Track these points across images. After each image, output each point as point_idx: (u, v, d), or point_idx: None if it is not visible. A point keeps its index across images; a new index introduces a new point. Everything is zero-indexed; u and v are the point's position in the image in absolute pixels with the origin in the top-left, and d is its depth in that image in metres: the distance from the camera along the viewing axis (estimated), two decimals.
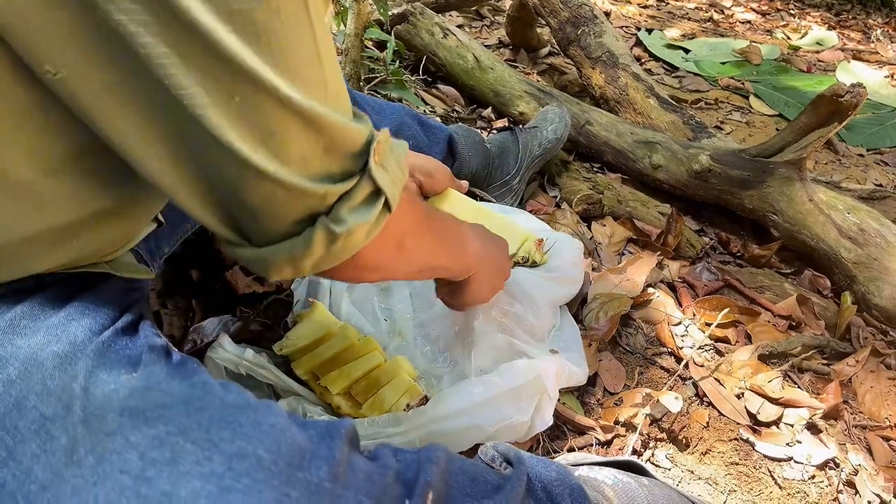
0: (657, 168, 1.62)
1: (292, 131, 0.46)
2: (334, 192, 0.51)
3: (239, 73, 0.42)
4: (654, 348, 1.18)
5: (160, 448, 0.48)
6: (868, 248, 1.36)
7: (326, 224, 0.51)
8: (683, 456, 1.00)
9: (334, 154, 0.50)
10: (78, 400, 0.50)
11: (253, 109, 0.44)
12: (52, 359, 0.51)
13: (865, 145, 2.30)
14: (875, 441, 1.09)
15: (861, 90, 1.33)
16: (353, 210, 0.52)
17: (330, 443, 0.53)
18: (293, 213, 0.50)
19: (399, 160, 0.56)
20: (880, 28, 4.24)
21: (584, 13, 2.10)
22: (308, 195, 0.49)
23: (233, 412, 0.51)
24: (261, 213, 0.49)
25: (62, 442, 0.48)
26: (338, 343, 0.95)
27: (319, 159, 0.49)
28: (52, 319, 0.54)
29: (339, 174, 0.51)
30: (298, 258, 0.52)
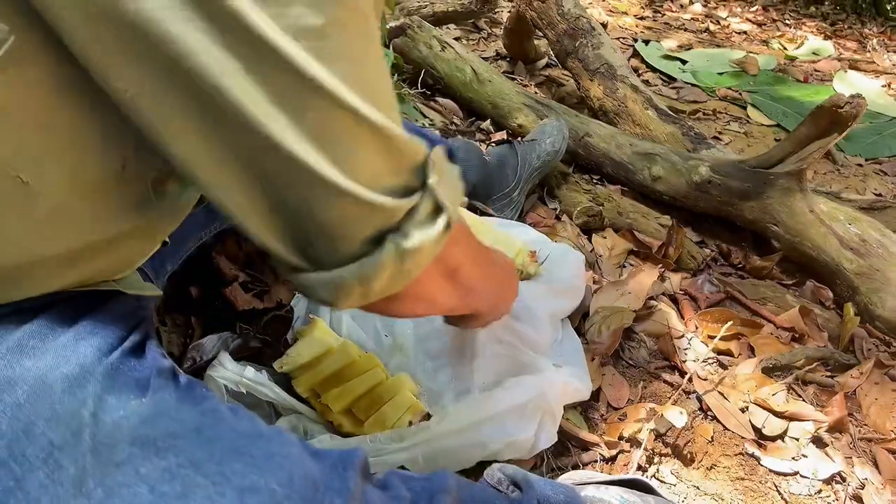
0: (657, 180, 1.62)
1: (365, 147, 0.46)
2: (402, 208, 0.49)
3: (312, 89, 0.42)
4: (658, 362, 1.17)
5: (171, 482, 0.47)
6: (870, 259, 1.36)
7: (396, 240, 0.49)
8: (689, 471, 0.99)
9: (400, 169, 0.49)
10: (87, 427, 0.49)
11: (326, 125, 0.43)
12: (62, 382, 0.50)
13: (864, 155, 2.31)
14: (881, 454, 1.08)
15: (860, 101, 1.33)
16: (419, 226, 0.50)
17: (343, 474, 0.52)
18: (365, 231, 0.49)
19: (453, 178, 0.55)
20: (876, 37, 4.26)
21: (582, 25, 2.10)
22: (379, 211, 0.48)
23: (245, 443, 0.50)
24: (333, 233, 0.48)
25: (71, 472, 0.47)
26: (339, 360, 0.94)
27: (388, 175, 0.48)
28: (61, 339, 0.53)
29: (404, 190, 0.50)
30: (369, 278, 0.50)
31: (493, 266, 0.77)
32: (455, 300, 0.67)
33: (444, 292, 0.62)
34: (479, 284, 0.70)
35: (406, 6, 2.34)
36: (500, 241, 1.10)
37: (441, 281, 0.60)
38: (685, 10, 4.23)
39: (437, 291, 0.61)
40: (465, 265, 0.63)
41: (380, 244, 0.49)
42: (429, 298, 0.60)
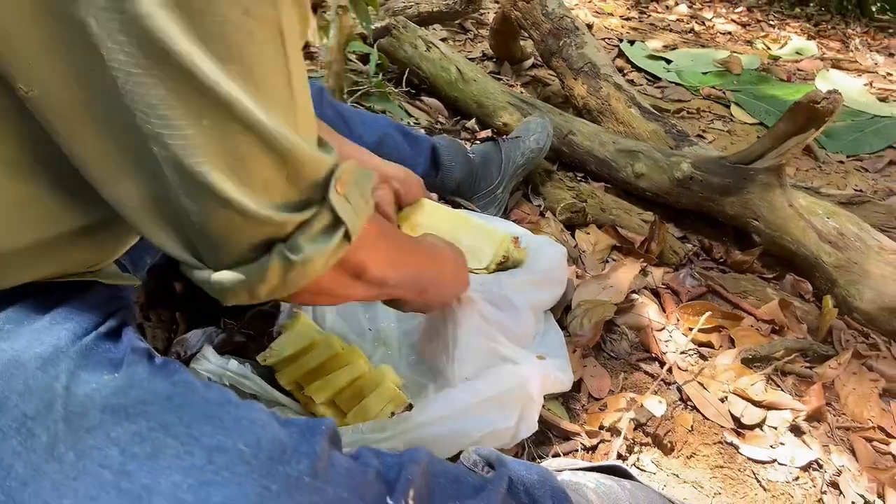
0: (640, 176, 1.64)
1: (258, 157, 0.46)
2: (293, 221, 0.50)
3: (209, 96, 0.42)
4: (639, 354, 1.19)
5: (141, 443, 0.48)
6: (848, 252, 1.38)
7: (283, 252, 0.50)
8: (668, 460, 1.01)
9: (297, 183, 0.50)
10: (59, 398, 0.50)
11: (221, 133, 0.44)
12: (35, 360, 0.51)
13: (845, 152, 2.34)
14: (858, 442, 1.09)
15: (837, 96, 1.35)
16: (311, 239, 0.51)
17: (311, 439, 0.53)
18: (251, 240, 0.50)
19: (364, 192, 0.56)
20: (859, 37, 4.31)
21: (566, 25, 2.12)
22: (267, 223, 0.49)
23: (214, 408, 0.51)
24: (219, 239, 0.49)
25: (43, 440, 0.48)
26: (322, 353, 0.95)
27: (282, 187, 0.49)
28: (36, 324, 0.54)
29: (300, 203, 0.51)
30: (253, 285, 0.51)
31: (418, 259, 0.78)
32: (363, 294, 0.67)
33: (348, 289, 0.63)
34: (396, 278, 0.71)
35: (391, 6, 2.36)
36: (481, 232, 1.11)
37: (344, 280, 0.61)
38: (670, 11, 4.27)
39: (339, 289, 0.62)
40: (375, 265, 0.63)
41: (267, 252, 0.50)
42: (330, 294, 0.61)
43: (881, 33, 4.70)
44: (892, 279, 1.32)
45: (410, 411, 0.87)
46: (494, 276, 1.06)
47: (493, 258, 1.09)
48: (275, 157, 0.47)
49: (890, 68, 3.52)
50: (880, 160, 2.28)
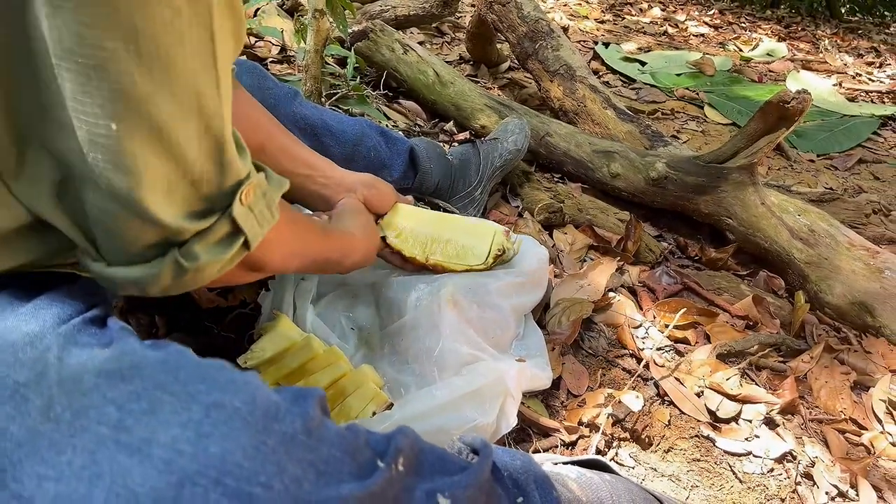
0: (615, 177, 1.66)
1: (163, 163, 0.48)
2: (191, 230, 0.52)
3: (126, 97, 0.44)
4: (616, 350, 1.21)
5: (138, 400, 0.49)
6: (819, 249, 1.41)
7: (176, 257, 0.52)
8: (646, 454, 1.02)
9: (200, 191, 0.51)
10: (52, 367, 0.51)
11: (130, 134, 0.45)
12: (23, 337, 0.52)
13: (816, 151, 2.38)
14: (831, 433, 1.12)
15: (806, 96, 1.38)
16: (207, 247, 0.53)
17: (303, 402, 0.54)
18: (147, 240, 0.51)
19: (271, 203, 0.58)
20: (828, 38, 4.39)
21: (541, 28, 2.14)
22: (164, 228, 0.50)
23: (209, 369, 0.52)
24: (115, 236, 0.51)
25: (37, 403, 0.49)
26: (302, 354, 0.95)
27: (184, 193, 0.51)
28: (21, 310, 0.55)
29: (202, 211, 0.53)
30: (145, 283, 0.53)
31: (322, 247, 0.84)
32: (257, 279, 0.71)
33: (242, 279, 0.67)
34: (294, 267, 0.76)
35: (368, 10, 2.37)
36: (470, 229, 1.12)
37: (241, 274, 0.63)
38: (644, 14, 4.32)
39: (233, 280, 0.65)
40: (275, 261, 0.66)
41: (163, 253, 0.52)
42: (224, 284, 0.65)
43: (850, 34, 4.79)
44: (861, 274, 1.35)
45: (391, 410, 0.88)
46: (481, 278, 1.07)
47: (490, 252, 1.10)
48: (180, 166, 0.49)
49: (859, 69, 3.59)
50: (850, 158, 2.33)
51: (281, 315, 1.01)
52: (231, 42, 0.50)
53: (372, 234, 1.01)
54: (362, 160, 1.31)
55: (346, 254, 0.91)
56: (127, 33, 0.42)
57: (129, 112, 0.44)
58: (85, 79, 0.43)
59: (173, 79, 0.45)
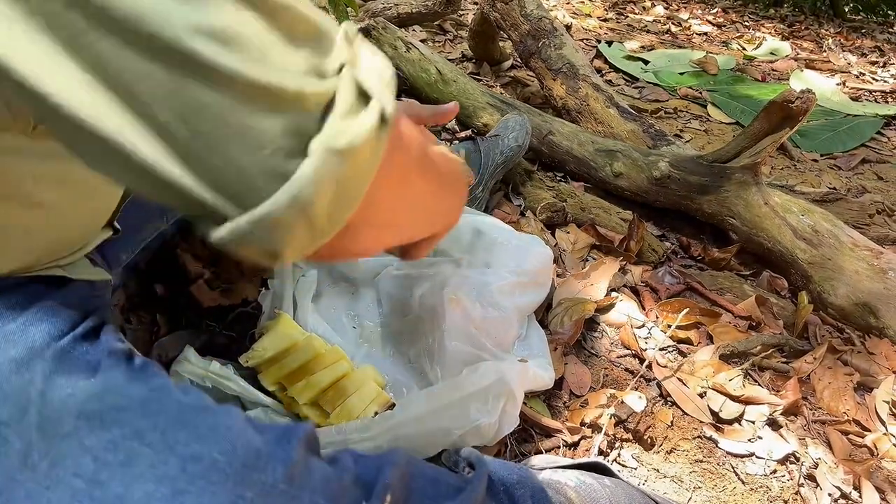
0: (618, 176, 1.65)
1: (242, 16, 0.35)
2: (313, 95, 0.37)
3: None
4: (618, 351, 1.20)
5: (115, 451, 0.48)
6: (822, 249, 1.40)
7: (324, 142, 0.37)
8: (649, 455, 1.02)
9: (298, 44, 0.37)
10: (34, 404, 0.49)
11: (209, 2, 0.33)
12: (8, 364, 0.51)
13: (819, 151, 2.37)
14: (834, 435, 1.12)
15: (810, 95, 1.37)
16: (345, 118, 0.38)
17: (286, 445, 0.53)
18: (274, 136, 0.36)
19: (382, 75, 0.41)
20: (832, 37, 4.38)
21: (544, 26, 2.14)
22: (280, 98, 0.36)
23: (189, 414, 0.51)
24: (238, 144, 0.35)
25: (17, 447, 0.48)
26: (304, 353, 0.95)
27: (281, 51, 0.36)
28: (10, 326, 0.53)
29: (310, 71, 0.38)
30: (308, 200, 0.36)
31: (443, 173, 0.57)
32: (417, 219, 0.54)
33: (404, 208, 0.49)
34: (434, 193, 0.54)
35: (370, 8, 2.36)
36: None
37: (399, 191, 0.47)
38: (647, 13, 4.31)
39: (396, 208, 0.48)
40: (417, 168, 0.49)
41: (302, 152, 0.37)
42: (389, 221, 0.48)
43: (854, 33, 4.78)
44: (865, 275, 1.35)
45: (393, 410, 0.88)
46: (484, 277, 1.06)
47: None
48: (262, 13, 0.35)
49: (862, 68, 3.58)
50: (853, 158, 2.32)
51: (282, 314, 1.00)
52: None
53: None
54: None
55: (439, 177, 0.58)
56: None
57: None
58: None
59: None
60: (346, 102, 0.38)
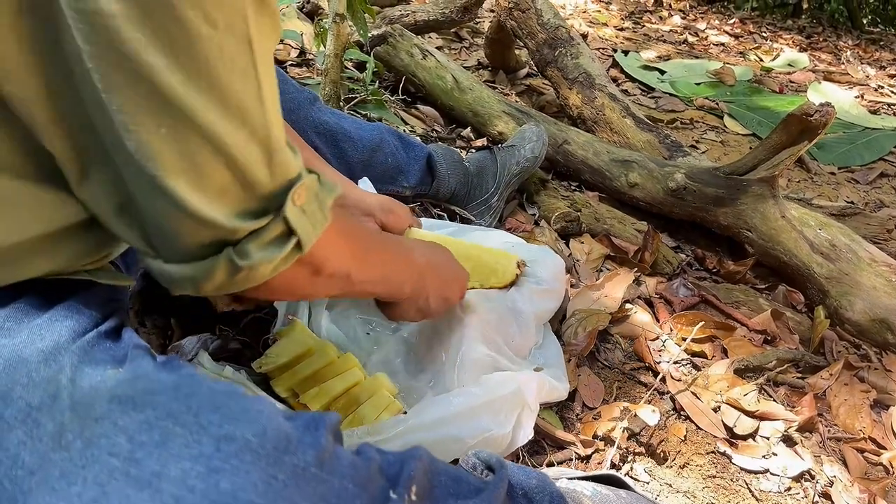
0: (633, 186, 1.65)
1: (215, 166, 0.48)
2: (245, 229, 0.52)
3: (171, 106, 0.44)
4: (632, 363, 1.20)
5: (149, 431, 0.48)
6: (839, 264, 1.39)
7: (231, 256, 0.52)
8: (662, 469, 1.01)
9: (253, 192, 0.52)
10: (65, 389, 0.50)
11: (179, 141, 0.46)
12: (37, 355, 0.52)
13: (837, 164, 2.36)
14: (849, 453, 1.10)
15: (830, 109, 1.36)
16: (261, 247, 0.53)
17: (315, 432, 0.53)
18: (201, 239, 0.52)
19: (323, 205, 0.58)
20: (850, 49, 4.35)
21: (561, 35, 2.14)
22: (218, 228, 0.51)
23: (221, 398, 0.51)
24: (169, 234, 0.51)
25: (49, 428, 0.49)
26: (317, 360, 0.95)
27: (238, 195, 0.51)
28: (37, 321, 0.54)
29: (256, 211, 0.53)
30: (199, 281, 0.53)
31: (386, 255, 0.79)
32: (326, 290, 0.70)
33: (307, 287, 0.65)
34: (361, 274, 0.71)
35: (388, 15, 2.37)
36: (491, 255, 1.09)
37: (302, 277, 0.62)
38: (664, 22, 4.30)
39: (297, 287, 0.64)
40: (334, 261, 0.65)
41: (218, 251, 0.52)
42: (285, 291, 0.64)
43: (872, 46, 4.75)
44: (882, 291, 1.33)
45: (405, 415, 0.87)
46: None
47: (509, 278, 1.09)
48: (232, 168, 0.49)
49: (881, 80, 3.55)
50: (871, 172, 2.30)
51: (296, 320, 1.01)
52: (271, 37, 0.51)
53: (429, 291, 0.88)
54: (380, 165, 1.31)
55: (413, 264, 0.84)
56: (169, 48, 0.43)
57: (178, 121, 0.45)
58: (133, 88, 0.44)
59: (216, 88, 0.46)
60: (269, 236, 0.53)
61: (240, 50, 0.46)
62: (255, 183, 0.51)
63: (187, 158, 0.47)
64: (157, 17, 0.42)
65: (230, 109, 0.47)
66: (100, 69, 0.43)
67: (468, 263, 1.06)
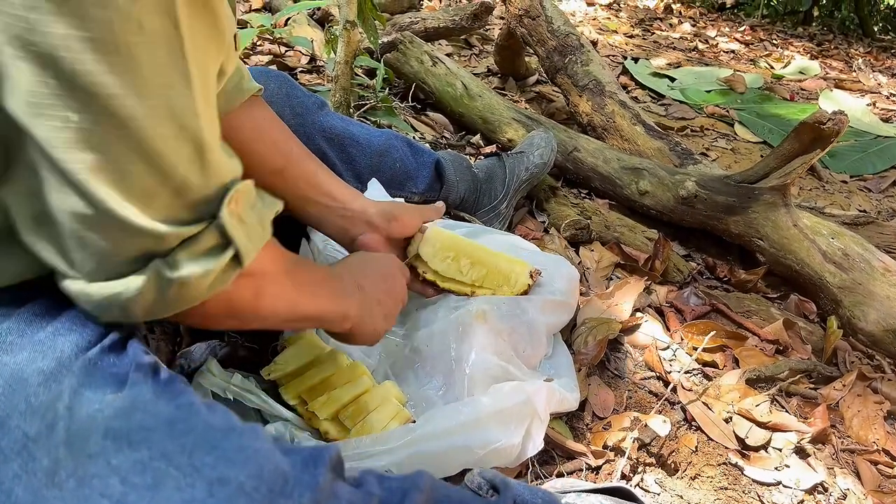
0: (644, 194, 1.64)
1: (136, 165, 0.45)
2: (175, 236, 0.48)
3: (79, 87, 0.41)
4: (642, 372, 1.19)
5: (142, 473, 0.48)
6: (852, 273, 1.38)
7: (159, 268, 0.48)
8: (672, 481, 1.00)
9: (183, 195, 0.48)
10: (62, 420, 0.49)
11: (94, 131, 0.42)
12: (37, 376, 0.51)
13: (849, 172, 2.34)
14: (863, 465, 1.09)
15: (842, 117, 1.35)
16: (193, 257, 0.49)
17: (314, 470, 0.52)
18: (126, 252, 0.47)
19: (263, 218, 0.54)
20: (862, 57, 4.32)
21: (571, 42, 2.13)
22: (144, 234, 0.47)
23: (216, 436, 0.50)
24: (92, 247, 0.47)
25: (44, 463, 0.48)
26: (326, 368, 0.95)
27: (165, 199, 0.47)
28: (40, 335, 0.53)
29: (187, 219, 0.49)
30: (126, 301, 0.49)
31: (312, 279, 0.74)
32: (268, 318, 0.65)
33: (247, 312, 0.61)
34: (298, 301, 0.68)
35: (398, 22, 2.37)
36: (507, 263, 1.09)
37: (243, 302, 0.59)
38: (674, 30, 4.29)
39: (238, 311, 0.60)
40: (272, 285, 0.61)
41: (145, 265, 0.48)
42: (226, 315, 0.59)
43: (884, 53, 4.72)
44: None
45: (414, 424, 0.87)
46: (518, 297, 1.06)
47: (521, 287, 1.08)
48: (156, 167, 0.45)
49: (893, 88, 3.53)
50: (884, 180, 2.28)
51: None
52: (209, 44, 0.47)
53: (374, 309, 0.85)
54: (388, 171, 1.31)
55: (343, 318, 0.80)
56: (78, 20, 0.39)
57: (91, 106, 0.42)
58: (39, 69, 0.40)
59: (134, 70, 0.42)
60: (203, 246, 0.49)
61: (164, 30, 0.43)
62: (184, 185, 0.47)
63: (105, 152, 0.43)
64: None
65: (150, 93, 0.43)
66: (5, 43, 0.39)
67: (481, 270, 1.06)
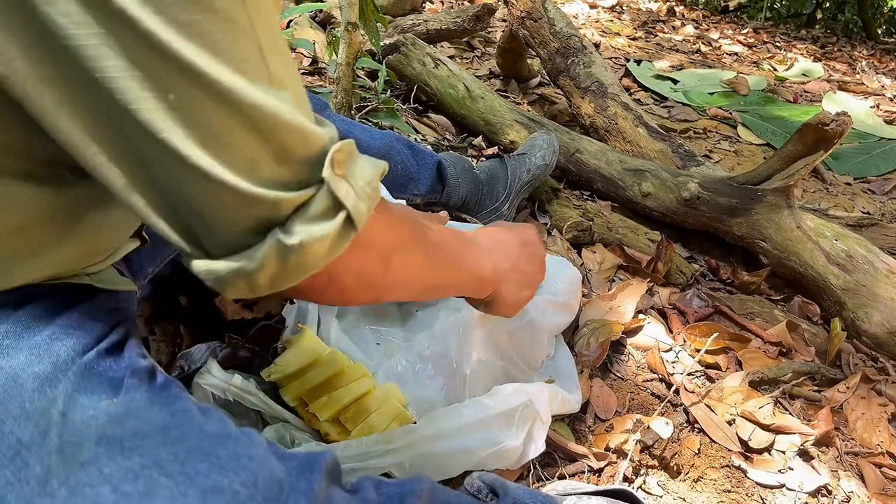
0: (646, 196, 1.63)
1: (235, 131, 0.44)
2: (288, 201, 0.47)
3: (173, 66, 0.40)
4: (645, 374, 1.18)
5: (134, 481, 0.47)
6: (856, 275, 1.37)
7: (279, 236, 0.47)
8: (675, 483, 0.99)
9: (287, 159, 0.47)
10: (55, 426, 0.49)
11: (191, 106, 0.42)
12: (33, 380, 0.50)
13: (852, 174, 2.33)
14: (867, 468, 1.08)
15: (846, 118, 1.35)
16: (308, 223, 0.48)
17: (309, 476, 0.52)
18: (244, 222, 0.47)
19: (368, 178, 0.52)
20: (865, 59, 4.32)
21: (574, 44, 2.13)
22: (257, 202, 0.46)
23: (211, 443, 0.50)
24: (210, 220, 0.46)
25: (36, 471, 0.48)
26: (326, 369, 0.94)
27: (270, 164, 0.46)
28: (36, 338, 0.53)
29: (294, 183, 0.47)
30: (252, 273, 0.47)
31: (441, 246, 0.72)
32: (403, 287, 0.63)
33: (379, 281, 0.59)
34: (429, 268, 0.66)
35: (400, 24, 2.37)
36: None
37: (372, 270, 0.57)
38: (677, 32, 4.29)
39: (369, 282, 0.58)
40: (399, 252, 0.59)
41: (263, 237, 0.47)
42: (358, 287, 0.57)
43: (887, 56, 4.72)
44: None
45: (415, 425, 0.86)
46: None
47: None
48: (255, 132, 0.44)
49: None
50: (887, 182, 2.28)
51: (305, 329, 1.00)
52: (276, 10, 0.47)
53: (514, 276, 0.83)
54: (389, 173, 1.29)
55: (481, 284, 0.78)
56: None
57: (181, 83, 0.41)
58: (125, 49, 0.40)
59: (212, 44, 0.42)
60: (316, 210, 0.48)
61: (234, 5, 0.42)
62: (287, 148, 0.46)
63: (205, 125, 0.42)
64: None
65: (236, 64, 0.42)
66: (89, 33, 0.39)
67: None
